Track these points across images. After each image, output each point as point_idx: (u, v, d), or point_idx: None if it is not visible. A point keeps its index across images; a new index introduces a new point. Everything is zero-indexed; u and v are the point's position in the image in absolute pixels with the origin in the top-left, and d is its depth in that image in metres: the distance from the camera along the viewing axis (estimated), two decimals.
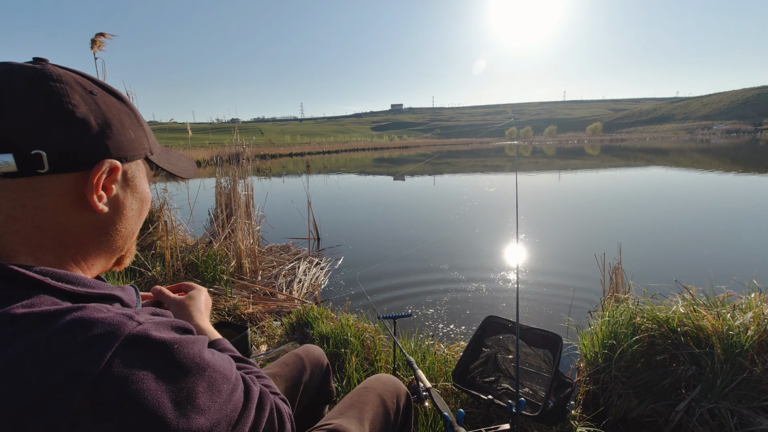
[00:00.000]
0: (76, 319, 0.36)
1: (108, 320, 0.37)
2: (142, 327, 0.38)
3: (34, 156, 0.39)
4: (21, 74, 0.41)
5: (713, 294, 1.89)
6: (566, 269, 3.91)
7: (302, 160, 27.85)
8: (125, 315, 0.38)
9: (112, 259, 0.52)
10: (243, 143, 4.75)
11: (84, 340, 0.34)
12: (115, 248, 0.51)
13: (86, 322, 0.36)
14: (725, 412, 1.44)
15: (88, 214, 0.45)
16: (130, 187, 0.49)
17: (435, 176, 14.80)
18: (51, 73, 0.42)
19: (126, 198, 0.49)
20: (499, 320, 1.95)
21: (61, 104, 0.41)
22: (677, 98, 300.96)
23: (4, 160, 0.38)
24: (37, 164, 0.39)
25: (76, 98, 0.42)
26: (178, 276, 3.19)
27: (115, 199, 0.47)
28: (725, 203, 7.38)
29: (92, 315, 0.37)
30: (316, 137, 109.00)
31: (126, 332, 0.36)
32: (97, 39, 2.74)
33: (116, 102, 0.47)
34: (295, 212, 6.22)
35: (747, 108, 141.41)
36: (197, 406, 0.39)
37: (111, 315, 0.38)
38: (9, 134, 0.38)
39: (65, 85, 0.42)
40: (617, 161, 20.04)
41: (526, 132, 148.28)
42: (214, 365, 0.43)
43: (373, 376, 1.01)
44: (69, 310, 0.37)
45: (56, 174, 0.41)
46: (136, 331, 0.37)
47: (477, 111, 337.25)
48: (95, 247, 0.48)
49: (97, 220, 0.46)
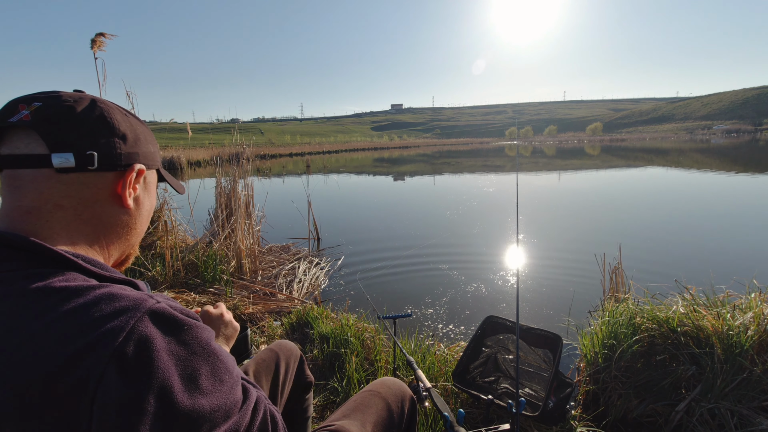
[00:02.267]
0: (106, 293, 0.43)
1: (132, 296, 0.43)
2: (161, 305, 0.44)
3: (89, 156, 0.50)
4: (78, 98, 0.52)
5: (713, 294, 1.89)
6: (566, 269, 3.91)
7: (302, 160, 27.85)
8: (145, 294, 0.45)
9: (123, 255, 0.61)
10: (243, 143, 4.75)
11: (112, 310, 0.41)
12: (129, 243, 0.60)
13: (114, 296, 0.43)
14: (725, 412, 1.44)
15: (117, 208, 0.55)
16: (147, 190, 0.60)
17: (435, 176, 14.81)
18: (97, 99, 0.55)
19: (144, 199, 0.60)
20: (499, 320, 1.95)
21: (108, 120, 0.53)
22: (677, 98, 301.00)
23: (66, 157, 0.49)
24: (89, 162, 0.50)
25: (118, 117, 0.55)
26: (178, 276, 3.19)
27: (138, 198, 0.58)
28: (725, 203, 7.37)
29: (118, 291, 0.43)
30: (316, 137, 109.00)
31: (147, 306, 0.43)
32: (97, 39, 2.74)
33: (140, 123, 0.60)
34: (295, 212, 6.22)
35: (747, 108, 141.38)
36: (200, 386, 0.43)
37: (134, 293, 0.44)
38: (73, 138, 0.49)
39: (109, 107, 0.55)
40: (617, 161, 20.04)
41: (526, 132, 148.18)
42: (219, 355, 0.47)
43: (380, 380, 1.02)
44: (99, 287, 0.44)
45: (100, 172, 0.52)
46: (156, 307, 0.43)
47: (477, 111, 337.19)
48: (117, 238, 0.57)
49: (123, 214, 0.56)
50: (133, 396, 0.38)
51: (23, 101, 0.50)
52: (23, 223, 0.48)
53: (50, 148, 0.48)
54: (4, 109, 0.49)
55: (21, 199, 0.49)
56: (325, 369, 2.02)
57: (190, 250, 3.44)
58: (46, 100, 0.50)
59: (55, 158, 0.48)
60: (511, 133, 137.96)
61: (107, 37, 2.79)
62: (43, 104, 0.49)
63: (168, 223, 3.64)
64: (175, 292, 2.90)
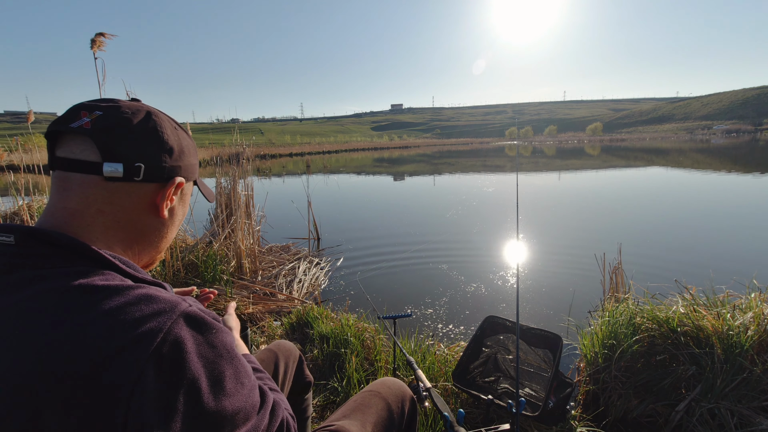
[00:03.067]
0: (144, 294, 0.45)
1: (168, 298, 0.46)
2: (193, 308, 0.47)
3: (136, 167, 0.53)
4: (136, 109, 0.55)
5: (713, 294, 1.89)
6: (566, 269, 3.90)
7: (302, 160, 27.85)
8: (179, 297, 0.48)
9: (152, 259, 0.63)
10: (243, 143, 4.74)
11: (151, 311, 0.43)
12: (159, 249, 0.63)
13: (152, 297, 0.45)
14: (725, 412, 1.44)
15: (152, 217, 0.57)
16: (182, 201, 0.63)
17: (435, 176, 14.81)
18: (152, 111, 0.57)
19: (178, 209, 0.62)
20: (499, 320, 1.95)
21: (159, 133, 0.56)
22: (677, 98, 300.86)
23: (116, 167, 0.51)
24: (136, 173, 0.53)
25: (168, 131, 0.57)
26: (178, 276, 3.19)
27: (173, 209, 0.61)
28: (725, 203, 7.37)
29: (155, 293, 0.46)
30: (316, 137, 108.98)
31: (182, 309, 0.45)
32: (97, 39, 2.74)
33: (187, 137, 0.62)
34: (295, 212, 6.22)
35: (747, 108, 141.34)
36: (225, 388, 0.45)
37: (169, 295, 0.47)
38: (125, 150, 0.52)
39: (161, 121, 0.57)
40: (617, 161, 20.04)
41: (526, 132, 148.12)
42: (240, 360, 0.50)
43: (380, 380, 1.02)
44: (136, 287, 0.46)
45: (145, 183, 0.54)
46: (188, 310, 0.46)
47: (477, 111, 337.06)
48: (149, 245, 0.59)
49: (157, 223, 0.59)
50: (166, 394, 0.40)
51: (86, 108, 0.53)
52: (67, 224, 0.51)
53: (103, 157, 0.51)
54: (67, 114, 0.52)
55: (67, 200, 0.51)
56: (325, 369, 2.01)
57: (190, 250, 3.44)
58: (107, 109, 0.53)
59: (106, 167, 0.51)
60: (511, 133, 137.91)
61: (107, 37, 2.79)
62: (104, 114, 0.52)
63: None
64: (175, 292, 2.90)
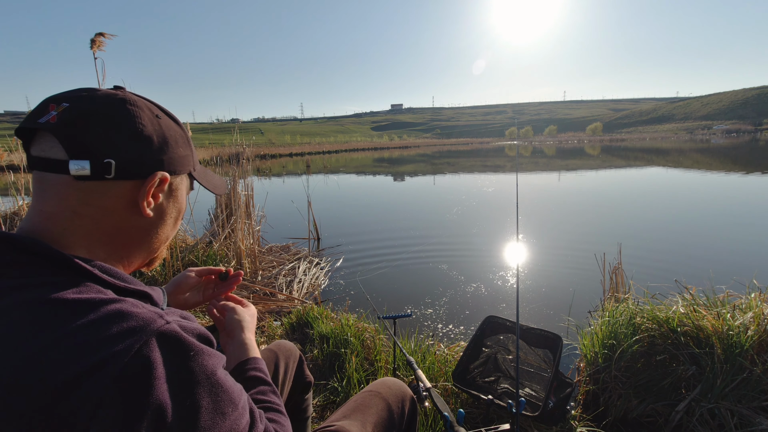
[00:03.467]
0: (116, 310, 0.42)
1: (142, 315, 0.42)
2: (170, 326, 0.43)
3: (106, 164, 0.47)
4: (106, 98, 0.49)
5: (713, 294, 1.89)
6: (566, 269, 3.91)
7: (302, 160, 27.85)
8: (156, 313, 0.44)
9: (146, 259, 0.59)
10: (243, 143, 4.74)
11: (120, 331, 0.40)
12: (151, 250, 0.58)
13: (124, 314, 0.41)
14: (725, 412, 1.44)
15: (137, 217, 0.52)
16: (172, 197, 0.57)
17: (435, 176, 14.81)
18: (128, 99, 0.51)
19: (168, 206, 0.56)
20: (499, 320, 1.95)
21: (132, 124, 0.50)
22: (677, 98, 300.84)
23: (82, 165, 0.46)
24: (106, 171, 0.47)
25: (145, 120, 0.51)
26: None
27: (159, 206, 0.55)
28: (725, 203, 7.37)
29: (129, 309, 0.42)
30: (316, 137, 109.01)
31: (155, 328, 0.42)
32: (97, 39, 2.73)
33: (174, 125, 0.56)
34: (295, 212, 6.22)
35: (747, 108, 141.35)
36: (198, 421, 0.41)
37: (145, 311, 0.43)
38: (91, 145, 0.47)
39: (138, 108, 0.51)
40: (617, 161, 20.03)
41: (526, 132, 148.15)
42: (224, 386, 0.46)
43: (380, 380, 1.02)
44: (111, 301, 0.43)
45: (119, 180, 0.49)
46: (164, 328, 0.42)
47: (477, 111, 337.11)
48: (137, 247, 0.55)
49: (144, 223, 0.54)
50: (129, 422, 0.37)
51: (54, 100, 0.48)
52: (45, 229, 0.48)
53: (68, 155, 0.46)
54: (36, 108, 0.48)
55: (44, 203, 0.48)
56: (325, 369, 2.01)
57: (190, 250, 3.44)
58: (75, 100, 0.48)
59: (72, 165, 0.46)
60: (511, 133, 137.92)
61: (107, 37, 2.79)
62: (70, 105, 0.47)
63: None
64: None
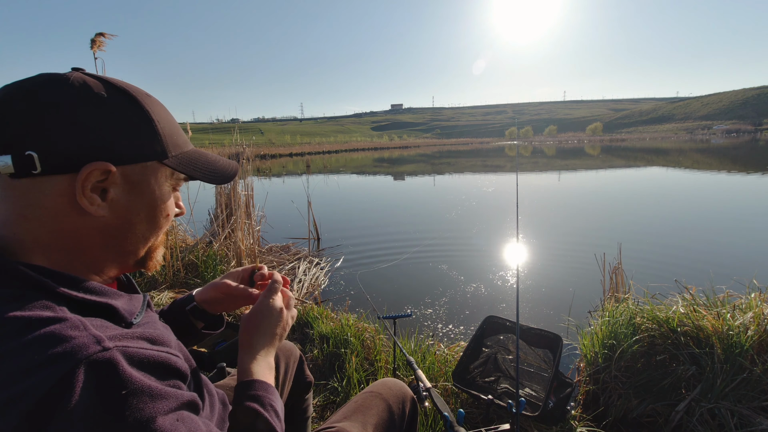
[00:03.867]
0: (49, 333, 0.36)
1: (75, 339, 0.36)
2: (104, 354, 0.36)
3: (27, 157, 0.40)
4: (31, 83, 0.43)
5: (713, 294, 1.89)
6: (566, 269, 3.90)
7: (302, 160, 27.85)
8: (95, 337, 0.37)
9: (127, 262, 0.52)
10: (243, 143, 4.74)
11: (44, 358, 0.35)
12: (126, 252, 0.51)
13: (56, 337, 0.36)
14: (725, 412, 1.44)
15: (87, 217, 0.45)
16: (135, 190, 0.48)
17: (435, 176, 14.81)
18: (65, 78, 0.44)
19: (130, 201, 0.48)
20: (499, 320, 1.95)
21: (60, 109, 0.42)
22: (677, 98, 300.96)
23: (4, 161, 0.40)
24: (31, 165, 0.41)
25: (78, 103, 0.43)
26: (178, 276, 3.19)
27: (115, 202, 0.46)
28: (725, 203, 7.37)
29: (64, 331, 0.36)
30: (316, 137, 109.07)
31: (85, 355, 0.35)
32: (97, 39, 2.73)
33: (124, 104, 0.46)
34: (295, 212, 6.22)
35: (747, 108, 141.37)
36: None
37: (82, 334, 0.37)
38: (9, 137, 0.40)
39: (73, 89, 0.43)
40: (617, 161, 20.04)
41: (526, 132, 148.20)
42: None
43: (380, 380, 1.01)
44: (49, 321, 0.37)
45: (51, 175, 0.42)
46: (96, 356, 0.36)
47: (477, 111, 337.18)
48: (102, 250, 0.48)
49: (99, 224, 0.46)
50: None
51: None
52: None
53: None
54: None
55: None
56: (325, 369, 2.01)
57: (190, 250, 3.44)
58: (4, 89, 0.42)
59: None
60: (511, 133, 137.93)
61: (107, 37, 2.79)
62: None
63: None
64: (175, 292, 2.90)
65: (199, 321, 0.79)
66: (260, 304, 0.68)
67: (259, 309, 0.67)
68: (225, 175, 0.59)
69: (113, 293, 0.47)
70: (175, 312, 0.77)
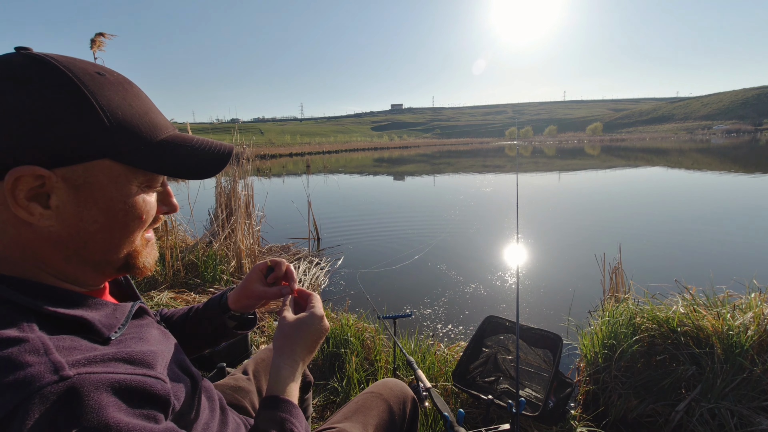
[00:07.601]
0: (5, 357, 0.33)
1: (31, 368, 0.32)
2: (60, 386, 0.32)
3: None
4: None
5: (713, 294, 1.89)
6: (566, 269, 3.90)
7: (302, 160, 27.85)
8: (53, 364, 0.33)
9: (103, 271, 0.46)
10: (243, 143, 4.74)
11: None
12: (94, 262, 0.44)
13: (12, 363, 0.32)
14: (725, 412, 1.44)
15: (34, 227, 0.39)
16: (83, 195, 0.41)
17: (435, 176, 14.81)
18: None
19: (80, 208, 0.41)
20: (499, 320, 1.95)
21: None
22: (677, 98, 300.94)
23: None
24: None
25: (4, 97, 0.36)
26: (178, 276, 3.19)
27: (62, 210, 0.40)
28: (725, 203, 7.37)
29: (19, 357, 0.33)
30: (316, 137, 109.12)
31: (38, 386, 0.31)
32: (97, 39, 2.74)
33: (57, 92, 0.38)
34: (295, 212, 6.22)
35: (747, 108, 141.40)
36: None
37: (37, 361, 0.33)
38: None
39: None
40: (617, 161, 20.03)
41: (526, 132, 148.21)
42: None
43: (381, 381, 1.01)
44: (8, 343, 0.33)
45: None
46: (50, 389, 0.32)
47: (477, 111, 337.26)
48: (65, 261, 0.42)
49: (48, 233, 0.40)
50: None
51: None
52: None
53: None
54: None
55: None
56: (325, 369, 2.01)
57: (190, 250, 3.44)
58: None
59: None
60: (511, 133, 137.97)
61: (107, 37, 2.79)
62: None
63: (168, 222, 3.64)
64: (175, 292, 2.90)
65: (231, 321, 0.79)
66: (311, 315, 0.66)
67: (310, 320, 0.65)
68: (211, 166, 0.48)
69: (92, 304, 0.43)
70: (211, 316, 0.76)
